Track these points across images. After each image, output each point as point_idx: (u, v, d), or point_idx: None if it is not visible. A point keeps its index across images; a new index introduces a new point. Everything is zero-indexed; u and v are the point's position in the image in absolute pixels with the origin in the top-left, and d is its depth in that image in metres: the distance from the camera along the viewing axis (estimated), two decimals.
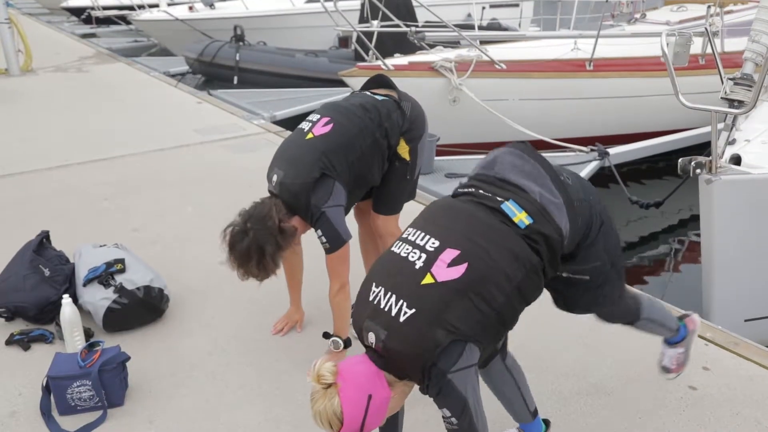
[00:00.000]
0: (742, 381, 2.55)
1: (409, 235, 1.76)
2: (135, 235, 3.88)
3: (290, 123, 6.80)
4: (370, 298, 1.71)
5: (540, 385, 2.49)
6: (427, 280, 1.63)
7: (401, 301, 1.64)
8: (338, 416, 1.59)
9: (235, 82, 9.11)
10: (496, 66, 6.39)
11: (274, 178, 2.54)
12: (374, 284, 1.72)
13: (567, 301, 1.96)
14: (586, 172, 5.19)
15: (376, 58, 6.51)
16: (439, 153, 5.32)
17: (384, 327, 1.65)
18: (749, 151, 3.85)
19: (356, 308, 1.77)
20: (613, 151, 5.56)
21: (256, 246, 2.38)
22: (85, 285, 2.92)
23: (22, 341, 2.82)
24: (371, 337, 1.67)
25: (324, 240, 2.51)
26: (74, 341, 2.70)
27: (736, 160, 3.70)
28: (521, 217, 1.70)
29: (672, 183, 4.96)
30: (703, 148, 4.89)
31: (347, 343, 2.61)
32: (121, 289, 2.87)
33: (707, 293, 3.48)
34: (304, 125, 2.62)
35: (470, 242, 1.66)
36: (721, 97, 3.34)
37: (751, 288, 3.53)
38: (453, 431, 1.66)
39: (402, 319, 1.62)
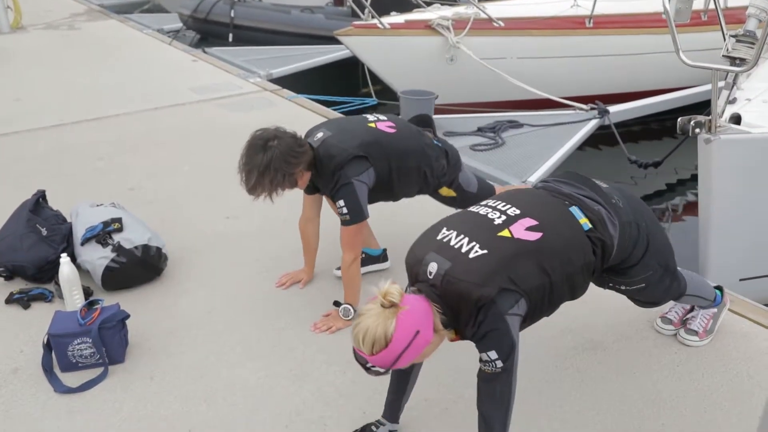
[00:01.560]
0: (735, 337, 2.59)
1: (489, 202, 1.89)
2: (132, 194, 3.86)
3: (287, 81, 6.72)
4: (438, 237, 1.79)
5: (538, 341, 2.52)
6: (504, 233, 1.76)
7: (474, 242, 1.74)
8: (387, 338, 1.61)
9: (230, 39, 8.95)
10: (494, 24, 6.28)
11: (319, 134, 2.59)
12: (445, 228, 1.82)
13: (631, 299, 2.24)
14: (585, 130, 5.15)
15: (372, 17, 6.39)
16: (436, 112, 5.27)
17: (450, 259, 1.72)
18: (750, 110, 3.81)
19: (418, 244, 1.83)
20: (613, 109, 5.51)
21: (266, 162, 2.41)
22: (82, 244, 2.92)
23: (22, 300, 2.83)
24: (432, 268, 1.72)
25: (345, 211, 2.51)
26: (73, 300, 2.71)
27: (736, 119, 3.66)
28: (585, 221, 1.87)
29: (671, 143, 4.93)
30: (703, 107, 4.84)
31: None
32: (119, 248, 2.87)
33: (703, 253, 3.49)
34: (369, 116, 2.72)
35: (548, 219, 1.82)
36: (723, 55, 3.29)
37: (747, 248, 3.55)
38: (494, 375, 1.71)
39: (471, 255, 1.71)
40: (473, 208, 1.89)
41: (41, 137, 4.86)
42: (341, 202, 2.50)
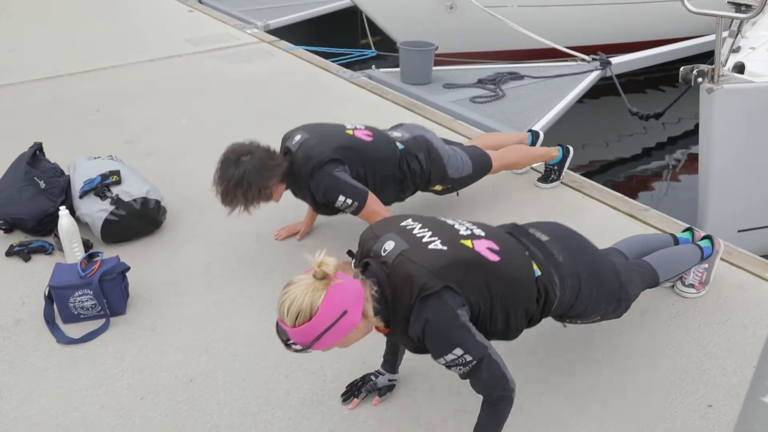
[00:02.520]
0: (732, 289, 2.60)
1: (457, 219, 1.88)
2: (129, 147, 3.83)
3: (284, 32, 6.59)
4: (402, 223, 1.77)
5: None
6: (467, 242, 1.73)
7: (436, 238, 1.71)
8: (311, 311, 1.53)
9: None
10: None
11: (297, 137, 2.61)
12: (411, 219, 1.80)
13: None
14: (586, 82, 5.07)
15: None
16: (436, 63, 5.18)
17: (408, 242, 1.68)
18: (754, 58, 3.75)
19: (378, 224, 1.80)
20: (615, 60, 5.41)
21: (238, 177, 2.44)
22: (81, 197, 2.91)
23: (22, 252, 2.84)
24: (388, 246, 1.68)
25: (349, 202, 2.52)
26: (73, 252, 2.72)
27: (740, 68, 3.60)
28: (536, 267, 1.85)
29: (673, 94, 4.86)
30: (706, 57, 4.76)
31: None
32: (117, 201, 2.86)
33: (703, 204, 3.49)
34: (347, 124, 2.74)
35: (508, 250, 1.79)
36: (728, 1, 3.21)
37: (747, 199, 3.53)
38: (472, 370, 1.65)
39: (431, 246, 1.68)
40: (441, 218, 1.87)
41: (36, 89, 4.80)
42: (341, 198, 2.52)
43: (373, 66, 5.40)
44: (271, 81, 4.94)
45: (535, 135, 3.49)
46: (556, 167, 3.34)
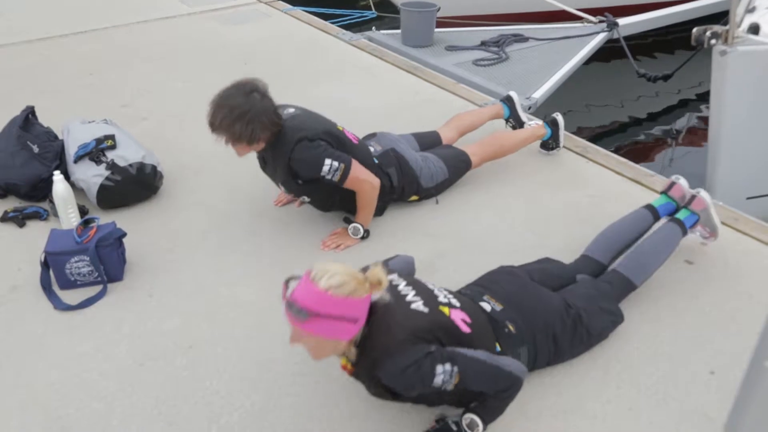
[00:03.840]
0: (737, 255, 2.57)
1: (436, 285, 1.90)
2: (124, 111, 3.76)
3: None
4: (389, 277, 1.78)
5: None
6: (444, 310, 1.78)
7: (419, 299, 1.75)
8: (347, 293, 1.58)
9: None
10: None
11: (291, 110, 2.57)
12: (397, 274, 1.84)
13: None
14: (593, 44, 4.96)
15: None
16: (438, 25, 5.06)
17: (394, 299, 1.70)
18: None
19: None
20: (622, 21, 5.28)
21: (244, 109, 2.35)
22: (75, 162, 2.85)
23: (17, 218, 2.80)
24: (374, 296, 1.68)
25: (336, 164, 2.46)
26: (69, 218, 2.68)
27: (755, 29, 3.50)
28: (497, 345, 1.88)
29: (683, 57, 4.75)
30: (716, 20, 4.64)
31: (366, 234, 2.63)
32: (113, 166, 2.81)
33: (712, 169, 3.43)
34: (337, 123, 2.68)
35: (478, 325, 1.83)
36: None
37: (757, 166, 3.48)
38: (460, 383, 1.66)
39: (413, 306, 1.71)
40: (422, 281, 1.88)
41: (27, 51, 4.69)
42: (327, 161, 2.45)
43: (373, 27, 5.28)
44: (269, 43, 4.83)
45: (510, 103, 3.38)
46: (550, 141, 3.26)
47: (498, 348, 1.87)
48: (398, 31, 5.05)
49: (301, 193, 2.63)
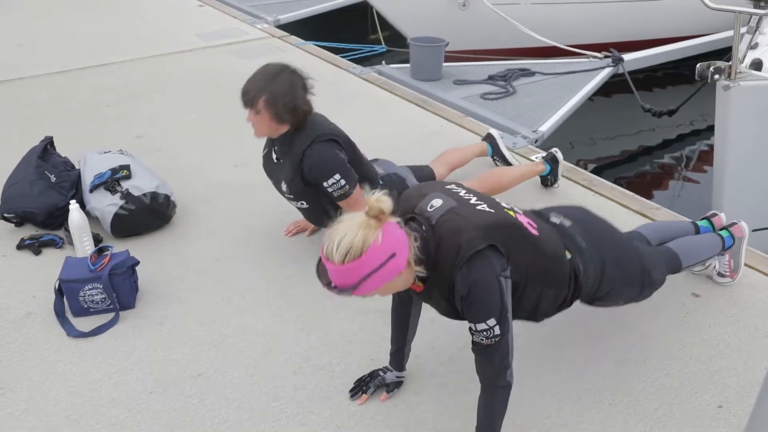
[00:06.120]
0: (744, 289, 2.58)
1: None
2: (138, 142, 3.84)
3: (294, 27, 6.57)
4: (447, 187, 1.77)
5: None
6: (510, 213, 1.77)
7: (482, 202, 1.73)
8: (362, 249, 1.49)
9: None
10: None
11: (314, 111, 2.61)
12: (455, 184, 1.80)
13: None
14: (598, 79, 5.03)
15: None
16: (447, 59, 5.16)
17: (456, 201, 1.69)
18: None
19: (424, 185, 1.81)
20: (627, 57, 5.37)
21: (286, 83, 2.43)
22: (91, 191, 2.91)
23: (33, 246, 2.85)
24: (435, 202, 1.68)
25: (343, 182, 2.49)
26: (84, 246, 2.73)
27: (758, 65, 3.56)
28: (566, 252, 1.87)
29: (687, 92, 4.82)
30: (720, 55, 4.71)
31: None
32: (127, 195, 2.87)
33: (717, 203, 3.45)
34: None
35: (543, 229, 1.84)
36: None
37: (761, 198, 3.50)
38: (493, 345, 1.64)
39: (478, 207, 1.70)
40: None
41: (46, 84, 4.81)
42: (335, 176, 2.47)
43: (383, 62, 5.38)
44: None
45: (492, 142, 3.44)
46: (549, 176, 3.31)
47: (568, 255, 1.85)
48: (407, 65, 5.15)
49: (301, 197, 2.63)
